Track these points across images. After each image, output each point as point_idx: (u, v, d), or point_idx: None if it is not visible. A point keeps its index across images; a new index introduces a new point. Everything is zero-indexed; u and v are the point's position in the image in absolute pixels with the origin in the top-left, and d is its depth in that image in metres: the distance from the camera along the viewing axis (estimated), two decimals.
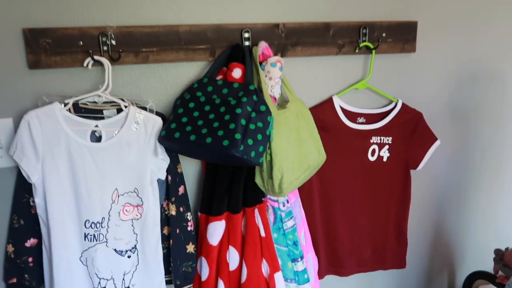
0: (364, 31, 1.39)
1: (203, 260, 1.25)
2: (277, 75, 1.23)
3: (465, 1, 1.56)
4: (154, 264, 1.21)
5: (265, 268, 1.24)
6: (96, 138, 1.15)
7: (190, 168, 1.33)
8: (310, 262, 1.36)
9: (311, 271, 1.36)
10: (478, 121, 1.68)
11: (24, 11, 1.11)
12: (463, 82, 1.62)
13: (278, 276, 1.25)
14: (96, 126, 1.14)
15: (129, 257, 1.19)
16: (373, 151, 1.49)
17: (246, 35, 1.27)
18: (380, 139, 1.48)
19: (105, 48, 1.15)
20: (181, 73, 1.27)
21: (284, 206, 1.27)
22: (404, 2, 1.46)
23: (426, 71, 1.55)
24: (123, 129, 1.15)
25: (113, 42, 1.16)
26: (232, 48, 1.25)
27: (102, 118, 1.16)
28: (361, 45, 1.39)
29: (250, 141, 1.10)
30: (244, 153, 1.08)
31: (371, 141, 1.48)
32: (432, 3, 1.50)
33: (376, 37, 1.41)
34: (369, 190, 1.51)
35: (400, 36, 1.44)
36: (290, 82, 1.35)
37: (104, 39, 1.15)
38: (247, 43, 1.27)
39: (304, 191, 1.41)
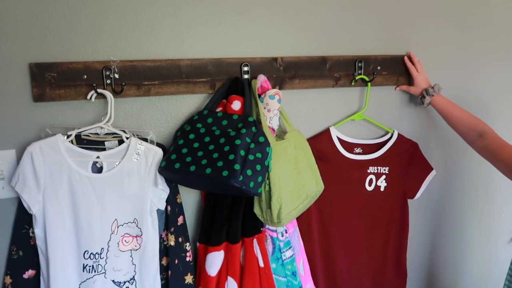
0: (359, 64, 1.43)
1: None
2: (275, 107, 1.26)
3: (457, 36, 1.61)
4: None
5: None
6: (97, 169, 1.17)
7: (189, 198, 1.35)
8: None
9: None
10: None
11: (31, 46, 1.15)
12: None
13: None
14: (98, 157, 1.16)
15: None
16: (371, 181, 1.51)
17: (246, 68, 1.31)
18: (377, 169, 1.51)
19: (108, 81, 1.19)
20: (182, 105, 1.30)
21: (282, 236, 1.28)
22: (398, 37, 1.52)
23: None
24: (124, 160, 1.17)
25: (116, 75, 1.20)
26: (231, 81, 1.29)
27: (104, 149, 1.18)
28: (357, 78, 1.44)
29: (249, 172, 1.12)
30: (243, 183, 1.10)
31: (368, 171, 1.50)
32: (425, 37, 1.56)
33: (371, 70, 1.46)
34: (367, 220, 1.52)
35: (394, 69, 1.49)
36: (289, 114, 1.38)
37: (107, 73, 1.18)
38: (246, 76, 1.31)
39: (303, 221, 1.42)
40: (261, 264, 1.24)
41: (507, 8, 1.68)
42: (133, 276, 1.19)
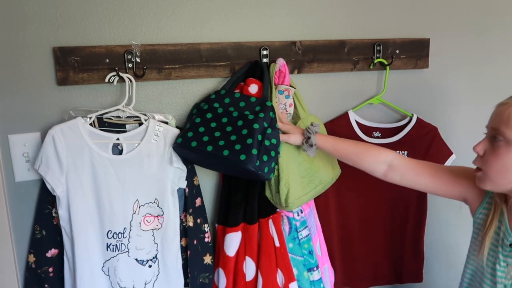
0: (378, 48, 1.42)
1: (221, 271, 1.28)
2: (282, 101, 1.27)
3: (476, 19, 1.58)
4: (174, 273, 1.24)
5: (280, 278, 1.26)
6: (118, 151, 1.20)
7: (207, 180, 1.37)
8: (326, 273, 1.38)
9: (327, 283, 1.37)
10: None
11: (55, 31, 1.18)
12: (476, 98, 1.63)
13: (293, 286, 1.26)
14: (117, 139, 1.19)
15: (150, 266, 1.22)
16: None
17: (265, 52, 1.32)
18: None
19: (130, 65, 1.21)
20: (201, 89, 1.32)
21: (298, 215, 1.30)
22: (417, 20, 1.50)
23: (439, 86, 1.57)
24: (143, 142, 1.19)
25: (138, 59, 1.22)
26: (250, 65, 1.30)
27: (126, 132, 1.21)
28: (375, 61, 1.43)
29: (265, 157, 1.13)
30: (259, 168, 1.12)
31: None
32: (444, 21, 1.53)
33: (390, 54, 1.45)
34: (385, 203, 1.52)
35: (413, 52, 1.47)
36: (307, 97, 1.38)
37: (129, 56, 1.21)
38: (265, 60, 1.32)
39: (321, 203, 1.43)
40: (277, 244, 1.26)
41: None
42: (156, 255, 1.22)
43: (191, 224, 1.26)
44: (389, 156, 1.16)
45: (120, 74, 1.19)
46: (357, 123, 1.47)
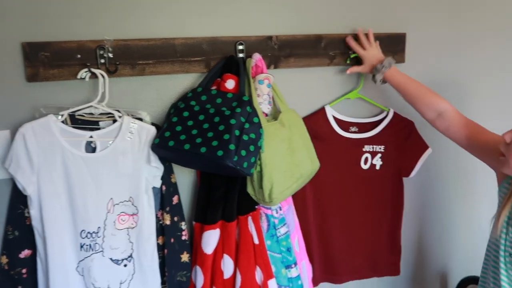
0: (356, 40, 1.42)
1: (198, 269, 1.27)
2: (265, 91, 1.26)
3: (452, 13, 1.60)
4: (150, 272, 1.22)
5: (258, 275, 1.26)
6: (91, 148, 1.18)
7: (185, 177, 1.35)
8: (304, 269, 1.38)
9: (305, 278, 1.37)
10: None
11: (24, 25, 1.14)
12: (451, 91, 1.65)
13: (272, 283, 1.26)
14: (91, 136, 1.16)
15: (125, 266, 1.20)
16: (366, 160, 1.52)
17: (240, 47, 1.30)
18: (373, 148, 1.51)
19: (102, 60, 1.18)
20: (176, 85, 1.30)
21: (277, 213, 1.29)
22: (393, 15, 1.51)
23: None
24: (117, 139, 1.17)
25: (110, 55, 1.19)
26: (226, 60, 1.29)
27: (99, 129, 1.19)
28: (351, 56, 1.43)
29: (243, 152, 1.12)
30: (237, 163, 1.11)
31: (364, 149, 1.51)
32: (420, 15, 1.55)
33: None
34: (362, 198, 1.53)
35: (389, 47, 1.48)
36: (284, 92, 1.37)
37: (101, 52, 1.18)
38: (241, 55, 1.30)
39: (298, 199, 1.43)
40: (256, 241, 1.26)
41: None
42: (131, 254, 1.20)
43: (168, 222, 1.25)
44: (443, 107, 1.28)
45: (92, 70, 1.17)
46: (334, 118, 1.47)
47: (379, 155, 1.51)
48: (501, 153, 1.06)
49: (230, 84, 1.24)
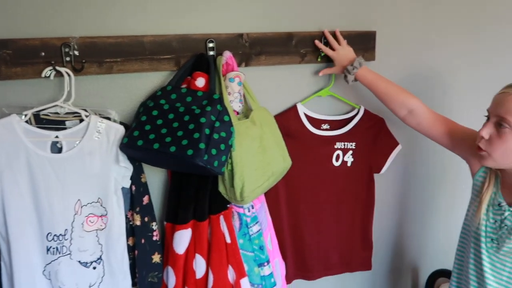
0: (325, 40, 1.43)
1: (170, 269, 1.25)
2: (236, 89, 1.25)
3: (421, 11, 1.63)
4: (120, 274, 1.20)
5: (231, 274, 1.26)
6: (57, 149, 1.14)
7: (155, 177, 1.34)
8: (277, 266, 1.38)
9: (278, 276, 1.38)
10: None
11: None
12: (421, 87, 1.69)
13: (245, 282, 1.26)
14: (56, 137, 1.13)
15: (94, 268, 1.18)
16: (338, 157, 1.53)
17: (211, 45, 1.29)
18: (344, 145, 1.53)
19: (67, 58, 1.15)
20: (146, 83, 1.28)
21: (249, 211, 1.29)
22: (363, 13, 1.52)
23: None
24: (85, 139, 1.14)
25: (76, 52, 1.16)
26: (196, 57, 1.27)
27: (65, 129, 1.15)
28: (322, 54, 1.43)
29: (213, 151, 1.11)
30: (208, 162, 1.10)
31: (335, 146, 1.52)
32: (390, 14, 1.57)
33: None
34: (334, 194, 1.54)
35: (359, 45, 1.49)
36: (255, 90, 1.37)
37: (66, 49, 1.14)
38: (211, 52, 1.29)
39: (271, 196, 1.43)
40: (228, 240, 1.25)
41: None
42: (100, 256, 1.18)
43: (138, 223, 1.23)
44: (413, 104, 1.33)
45: (57, 68, 1.13)
46: (306, 115, 1.47)
47: (351, 152, 1.53)
48: (478, 147, 1.13)
49: (200, 82, 1.23)
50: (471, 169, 1.28)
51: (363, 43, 1.51)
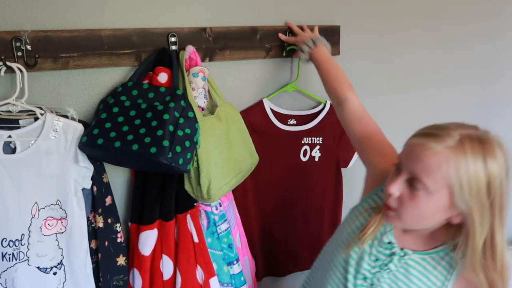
0: (290, 35, 1.42)
1: (136, 271, 1.21)
2: (200, 85, 1.22)
3: (384, 6, 1.64)
4: (83, 279, 1.15)
5: (199, 274, 1.23)
6: (11, 149, 1.08)
7: (118, 177, 1.28)
8: (246, 264, 1.36)
9: (248, 274, 1.36)
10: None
11: None
12: (384, 83, 1.70)
13: (214, 281, 1.23)
14: (9, 136, 1.07)
15: (54, 274, 1.12)
16: (305, 152, 1.52)
17: (173, 39, 1.25)
18: (311, 140, 1.52)
19: (19, 53, 1.08)
20: (105, 79, 1.22)
21: (217, 209, 1.26)
22: (326, 8, 1.52)
23: (351, 72, 1.61)
24: (40, 138, 1.08)
25: (28, 47, 1.10)
26: (158, 52, 1.23)
27: (19, 128, 1.09)
28: (287, 48, 1.42)
29: (178, 148, 1.08)
30: (172, 160, 1.06)
31: (303, 141, 1.51)
32: (353, 8, 1.57)
33: None
34: (302, 190, 1.54)
35: (325, 39, 1.48)
36: (220, 86, 1.34)
37: (18, 44, 1.08)
38: (174, 47, 1.25)
39: (238, 193, 1.41)
40: (196, 240, 1.22)
41: None
42: (61, 261, 1.13)
43: (101, 225, 1.18)
44: (345, 97, 1.19)
45: (8, 63, 1.07)
46: (272, 111, 1.46)
47: (318, 147, 1.53)
48: (386, 206, 0.90)
49: (162, 77, 1.19)
50: (366, 186, 1.10)
51: (328, 37, 1.49)
